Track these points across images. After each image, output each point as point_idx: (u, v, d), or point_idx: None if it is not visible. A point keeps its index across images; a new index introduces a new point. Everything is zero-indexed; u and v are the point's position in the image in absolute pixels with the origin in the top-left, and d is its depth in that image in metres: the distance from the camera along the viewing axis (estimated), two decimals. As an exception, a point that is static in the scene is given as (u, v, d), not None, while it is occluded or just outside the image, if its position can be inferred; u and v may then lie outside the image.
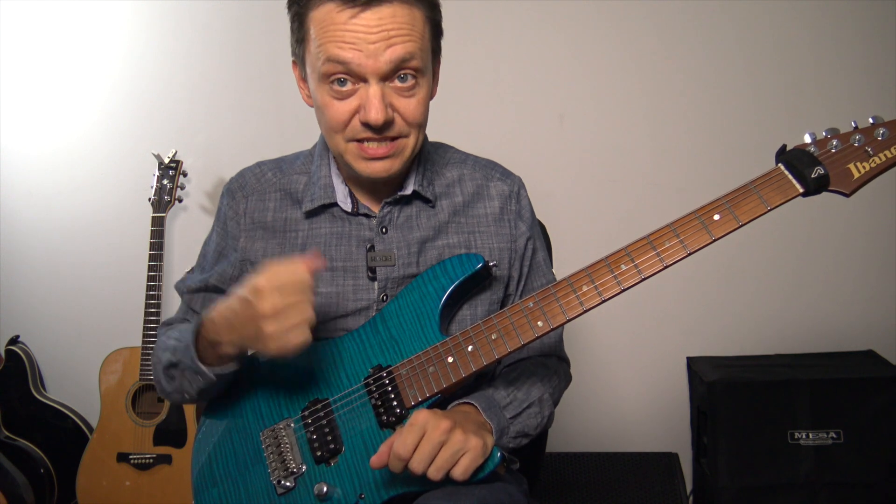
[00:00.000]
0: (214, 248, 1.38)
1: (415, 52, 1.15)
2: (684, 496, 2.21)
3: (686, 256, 1.12)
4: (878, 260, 2.47)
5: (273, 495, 1.21)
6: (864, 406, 2.12)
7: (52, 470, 2.48)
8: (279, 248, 1.32)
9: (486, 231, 1.34)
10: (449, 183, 1.36)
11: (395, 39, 1.13)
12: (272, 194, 1.35)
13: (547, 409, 1.31)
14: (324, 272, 1.29)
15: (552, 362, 1.40)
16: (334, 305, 1.29)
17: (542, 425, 1.30)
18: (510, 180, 1.39)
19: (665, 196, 2.50)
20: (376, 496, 1.15)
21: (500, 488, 1.16)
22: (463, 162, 1.40)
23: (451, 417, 1.10)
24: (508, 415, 1.23)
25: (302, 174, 1.35)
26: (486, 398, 1.22)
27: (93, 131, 2.66)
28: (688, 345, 2.52)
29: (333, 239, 1.31)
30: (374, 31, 1.12)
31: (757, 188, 1.11)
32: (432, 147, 1.39)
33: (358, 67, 1.13)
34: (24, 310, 2.72)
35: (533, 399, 1.28)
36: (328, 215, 1.32)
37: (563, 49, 2.52)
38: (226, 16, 2.60)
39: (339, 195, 1.31)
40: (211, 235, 1.41)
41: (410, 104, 1.19)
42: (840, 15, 2.42)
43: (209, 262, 1.39)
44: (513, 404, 1.25)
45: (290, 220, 1.33)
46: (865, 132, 1.12)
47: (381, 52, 1.12)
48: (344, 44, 1.12)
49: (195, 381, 1.22)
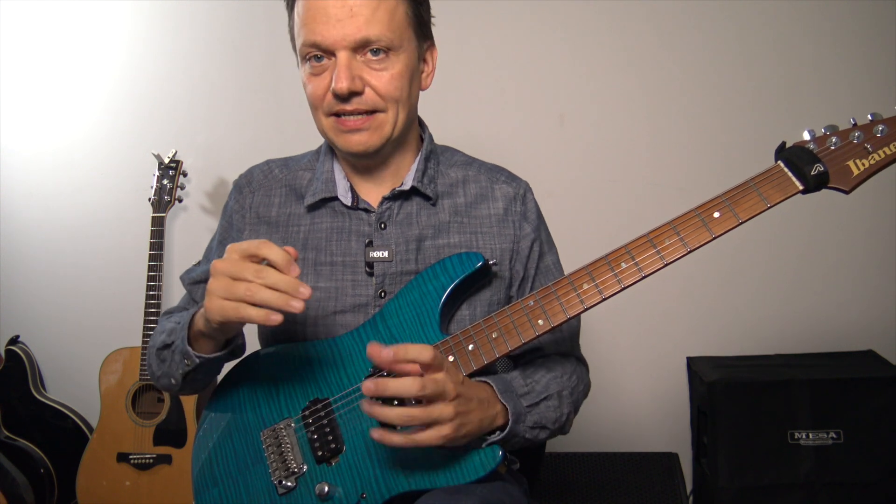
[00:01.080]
0: (218, 241, 1.41)
1: (380, 27, 1.19)
2: (684, 496, 2.21)
3: (686, 254, 1.12)
4: (878, 260, 2.47)
5: (274, 495, 1.21)
6: (864, 406, 2.12)
7: (52, 470, 2.47)
8: (281, 242, 1.32)
9: (489, 232, 1.34)
10: (452, 183, 1.36)
11: (356, 10, 1.18)
12: (278, 190, 1.37)
13: (566, 407, 1.29)
14: (323, 267, 1.30)
15: (571, 364, 1.38)
16: (333, 300, 1.30)
17: (562, 423, 1.28)
18: (516, 183, 1.39)
19: (665, 195, 2.50)
20: (378, 495, 1.15)
21: (500, 488, 1.16)
22: (469, 164, 1.40)
23: (468, 394, 1.09)
24: (526, 403, 1.22)
25: (307, 170, 1.38)
26: (503, 381, 1.21)
27: (93, 131, 2.67)
28: (688, 345, 2.52)
29: (334, 234, 1.32)
30: (338, 3, 1.18)
31: (756, 186, 1.12)
32: (440, 149, 1.41)
33: (324, 41, 1.19)
34: (24, 310, 2.72)
35: (551, 392, 1.26)
36: (329, 210, 1.33)
37: (564, 49, 2.52)
38: (226, 16, 2.60)
39: (339, 189, 1.33)
40: (216, 232, 1.44)
41: (383, 77, 1.22)
42: (838, 11, 2.43)
43: (213, 254, 1.41)
44: (531, 394, 1.24)
45: (293, 215, 1.35)
46: (864, 129, 1.12)
47: (345, 25, 1.18)
48: (313, 23, 1.19)
49: (181, 364, 1.23)
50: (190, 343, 1.21)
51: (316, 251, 1.31)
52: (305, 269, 1.30)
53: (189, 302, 1.43)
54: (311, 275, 1.30)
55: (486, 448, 1.13)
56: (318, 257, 1.31)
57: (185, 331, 1.21)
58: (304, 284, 1.05)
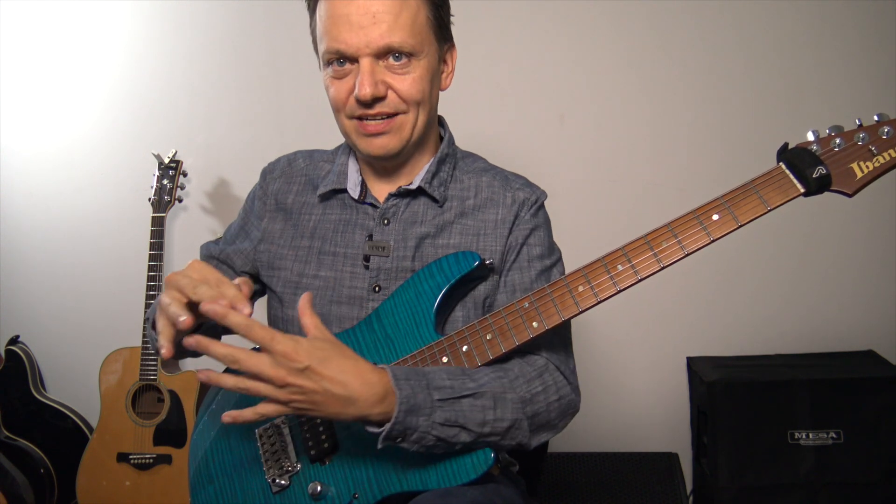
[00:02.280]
0: (238, 223, 1.46)
1: (403, 34, 1.20)
2: (684, 496, 2.21)
3: (683, 257, 1.11)
4: (878, 260, 2.46)
5: (268, 493, 1.22)
6: (864, 406, 2.12)
7: (52, 470, 2.48)
8: (292, 229, 1.37)
9: (492, 234, 1.31)
10: (465, 188, 1.35)
11: (380, 17, 1.19)
12: (298, 178, 1.41)
13: (511, 413, 1.15)
14: (326, 257, 1.33)
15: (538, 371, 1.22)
16: (331, 289, 1.32)
17: (501, 429, 1.14)
18: (530, 189, 1.36)
19: (665, 196, 2.49)
20: (370, 495, 1.16)
21: (492, 489, 1.15)
22: (485, 171, 1.38)
23: (322, 371, 1.03)
24: (437, 396, 1.10)
25: (328, 162, 1.42)
26: (415, 372, 1.12)
27: (93, 131, 2.66)
28: (688, 345, 2.52)
29: (340, 225, 1.35)
30: (361, 10, 1.19)
31: (757, 188, 1.10)
32: (462, 154, 1.42)
33: (347, 48, 1.20)
34: (24, 310, 2.73)
35: (484, 391, 1.13)
36: (339, 202, 1.36)
37: (564, 49, 2.51)
38: (226, 16, 2.59)
39: (350, 182, 1.35)
40: (240, 211, 1.48)
41: (405, 81, 1.23)
42: (842, 10, 2.42)
43: (231, 234, 1.46)
44: (450, 389, 1.11)
45: (307, 204, 1.38)
46: (869, 130, 1.09)
47: (368, 31, 1.19)
48: (336, 29, 1.20)
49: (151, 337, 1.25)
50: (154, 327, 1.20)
51: (322, 241, 1.34)
52: (310, 258, 1.34)
53: None
54: (314, 263, 1.34)
55: (479, 450, 1.13)
56: (322, 246, 1.34)
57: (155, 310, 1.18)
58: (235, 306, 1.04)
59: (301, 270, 1.34)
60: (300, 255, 1.35)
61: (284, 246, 1.37)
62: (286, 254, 1.36)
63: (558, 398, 1.22)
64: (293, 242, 1.36)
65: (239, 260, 1.41)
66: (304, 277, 1.33)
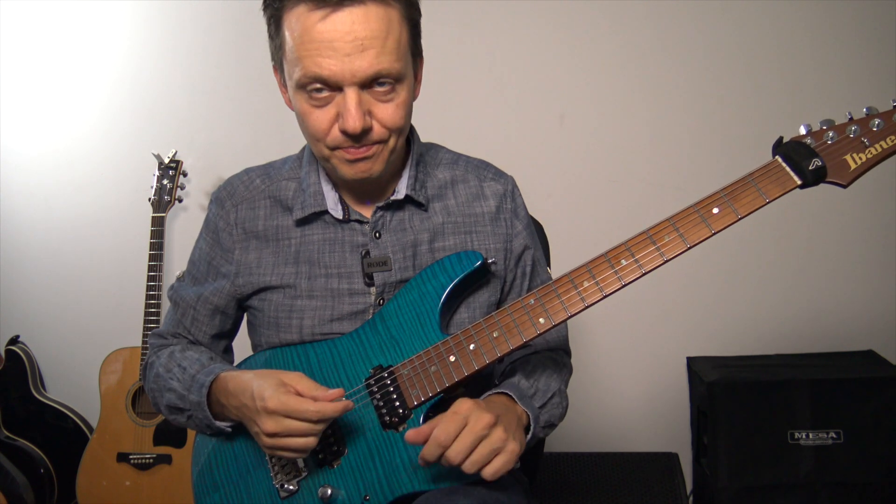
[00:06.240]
0: (205, 258, 1.36)
1: (390, 59, 1.12)
2: (684, 496, 2.21)
3: (686, 250, 1.12)
4: (878, 259, 2.47)
5: (276, 499, 1.21)
6: (864, 406, 2.12)
7: (52, 470, 2.47)
8: (273, 257, 1.30)
9: (483, 231, 1.33)
10: (441, 185, 1.34)
11: (367, 43, 1.09)
12: (262, 201, 1.33)
13: (565, 401, 1.32)
14: (318, 279, 1.29)
15: (560, 357, 1.40)
16: (329, 309, 1.28)
17: (563, 416, 1.31)
18: (503, 179, 1.38)
19: (665, 195, 2.50)
20: (381, 497, 1.15)
21: (499, 488, 1.15)
22: (454, 163, 1.38)
23: (494, 411, 1.09)
24: (536, 404, 1.23)
25: (291, 179, 1.34)
26: (516, 388, 1.22)
27: (93, 131, 2.67)
28: (688, 345, 2.52)
29: (326, 245, 1.30)
30: (346, 37, 1.09)
31: (755, 181, 1.12)
32: (424, 148, 1.37)
33: (331, 76, 1.11)
34: (24, 310, 2.72)
35: (553, 390, 1.28)
36: (320, 222, 1.31)
37: (563, 49, 2.52)
38: (226, 16, 2.60)
39: (329, 202, 1.30)
40: (199, 243, 1.39)
41: (388, 109, 1.16)
42: (834, 7, 2.43)
43: (201, 272, 1.37)
44: (538, 395, 1.25)
45: (282, 228, 1.31)
46: (861, 123, 1.12)
47: (354, 60, 1.10)
48: (318, 55, 1.10)
49: (204, 429, 1.29)
50: (210, 408, 1.24)
51: (309, 264, 1.29)
52: (298, 282, 1.29)
53: (178, 324, 1.39)
54: (304, 286, 1.29)
55: None
56: (311, 270, 1.29)
57: (206, 410, 1.23)
58: None
59: (293, 294, 1.29)
60: (287, 280, 1.29)
61: (267, 274, 1.30)
62: (271, 281, 1.30)
63: (568, 371, 1.39)
64: (276, 270, 1.30)
65: (221, 301, 1.34)
66: (297, 300, 1.29)
